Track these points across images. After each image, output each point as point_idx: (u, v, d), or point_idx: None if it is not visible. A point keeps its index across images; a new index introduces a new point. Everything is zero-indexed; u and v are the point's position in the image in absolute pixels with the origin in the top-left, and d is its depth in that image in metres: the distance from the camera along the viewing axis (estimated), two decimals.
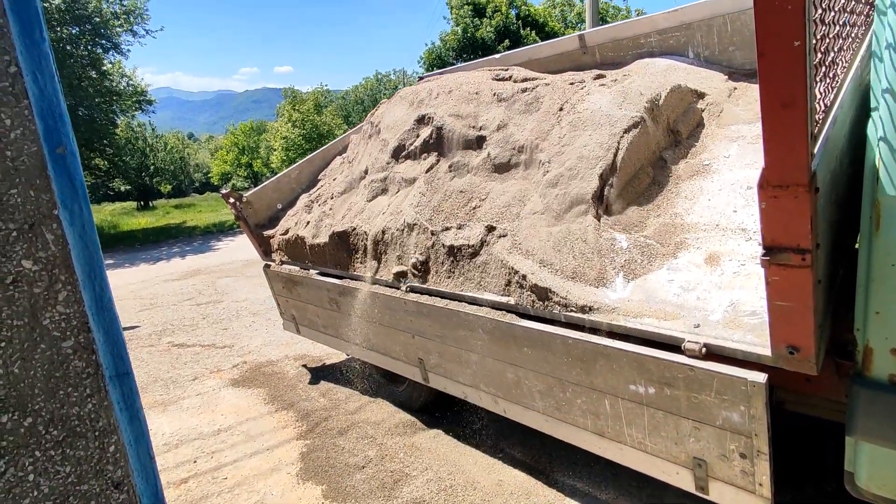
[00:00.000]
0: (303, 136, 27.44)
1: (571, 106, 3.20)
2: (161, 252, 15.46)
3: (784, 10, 1.11)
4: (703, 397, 1.96)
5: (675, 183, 2.85)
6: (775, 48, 1.17)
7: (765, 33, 1.17)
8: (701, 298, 2.17)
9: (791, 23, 1.11)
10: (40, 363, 0.77)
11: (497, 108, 3.58)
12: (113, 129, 20.68)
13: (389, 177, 3.96)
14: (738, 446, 1.93)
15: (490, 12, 24.44)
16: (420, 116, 3.96)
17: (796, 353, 1.64)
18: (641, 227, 2.69)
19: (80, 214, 0.78)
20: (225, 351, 6.34)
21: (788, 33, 1.13)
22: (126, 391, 0.86)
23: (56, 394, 0.79)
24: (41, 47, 0.74)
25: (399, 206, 3.65)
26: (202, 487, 3.62)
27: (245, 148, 38.72)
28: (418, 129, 3.94)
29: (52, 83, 0.75)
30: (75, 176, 0.78)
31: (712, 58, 3.60)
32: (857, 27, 2.14)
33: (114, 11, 18.02)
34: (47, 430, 0.78)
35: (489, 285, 2.90)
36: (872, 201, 1.66)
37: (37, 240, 0.75)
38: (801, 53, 1.14)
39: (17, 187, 0.73)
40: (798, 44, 1.13)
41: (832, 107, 1.62)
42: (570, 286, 2.51)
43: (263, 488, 3.53)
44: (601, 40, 4.17)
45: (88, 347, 0.80)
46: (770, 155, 1.33)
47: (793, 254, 1.41)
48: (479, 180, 3.41)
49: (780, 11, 1.11)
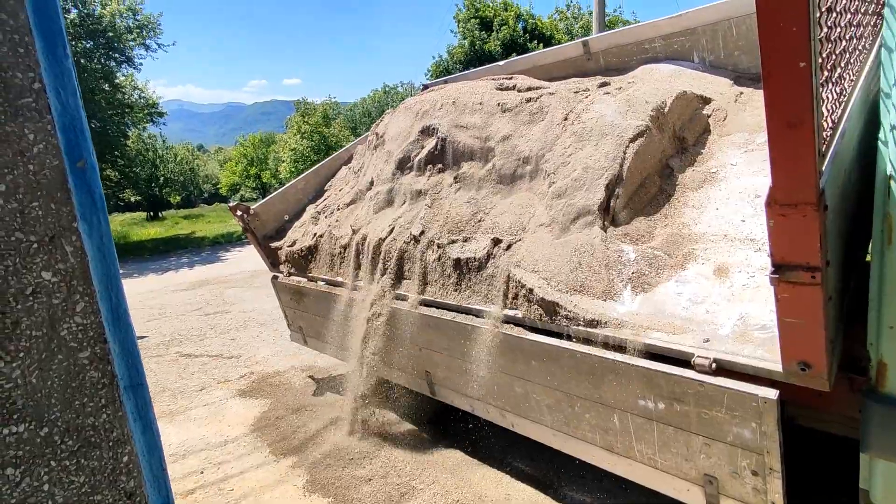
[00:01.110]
0: (311, 148, 27.69)
1: (576, 115, 3.21)
2: (170, 262, 15.57)
3: (789, 31, 1.11)
4: (713, 413, 1.94)
5: (682, 192, 2.84)
6: (780, 69, 1.16)
7: (770, 55, 1.17)
8: (710, 311, 2.16)
9: (796, 44, 1.11)
10: (57, 373, 0.78)
11: (502, 119, 3.60)
12: (124, 140, 20.96)
13: (395, 188, 3.99)
14: (750, 463, 1.90)
15: (497, 25, 24.64)
16: (424, 127, 3.99)
17: (808, 369, 1.62)
18: (649, 237, 2.68)
19: (98, 226, 0.80)
20: (232, 361, 6.36)
21: (793, 55, 1.13)
22: (140, 402, 0.87)
23: (72, 404, 0.80)
24: (64, 64, 0.76)
25: (404, 218, 3.67)
26: (209, 499, 3.60)
27: (254, 159, 39.08)
28: (423, 140, 3.97)
29: (75, 99, 0.77)
30: (95, 189, 0.79)
31: (717, 62, 3.58)
32: (865, 38, 2.14)
33: (127, 26, 18.36)
34: (63, 440, 0.79)
35: (496, 298, 2.90)
36: (884, 215, 1.65)
37: (56, 251, 0.76)
38: (806, 74, 1.14)
39: (39, 200, 0.74)
40: (804, 65, 1.13)
41: (840, 121, 1.62)
42: (577, 299, 2.50)
43: (270, 500, 3.51)
44: (605, 46, 4.15)
45: (104, 358, 0.81)
46: (777, 174, 1.32)
47: (802, 272, 1.40)
48: (484, 192, 3.42)
49: (785, 33, 1.11)
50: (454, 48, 25.56)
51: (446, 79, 5.51)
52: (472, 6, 25.26)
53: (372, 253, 3.77)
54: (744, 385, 1.85)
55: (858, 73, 1.92)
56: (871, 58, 2.17)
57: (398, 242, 3.56)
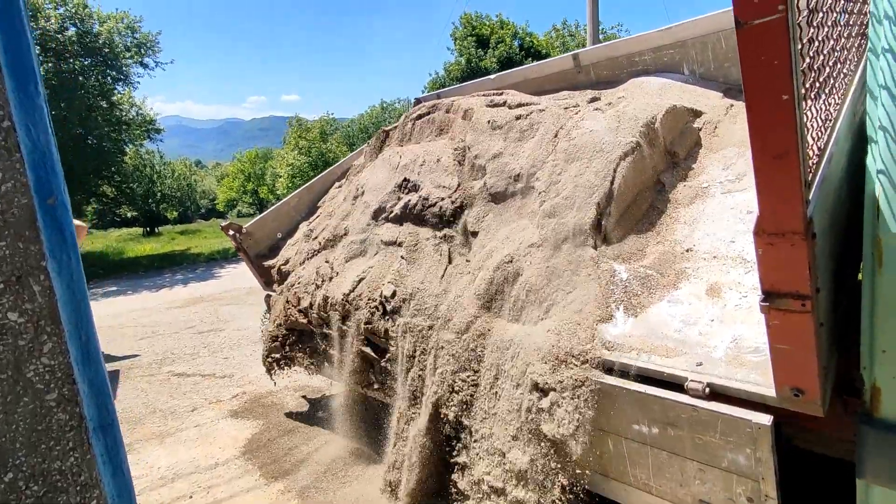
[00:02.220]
0: (308, 164, 27.78)
1: (566, 132, 3.21)
2: (164, 279, 15.48)
3: (770, 64, 1.10)
4: (707, 438, 1.91)
5: (674, 208, 2.83)
6: (764, 103, 1.16)
7: (753, 88, 1.17)
8: (703, 333, 2.14)
9: (779, 77, 1.11)
10: (22, 417, 0.75)
11: (478, 181, 3.58)
12: (121, 157, 20.96)
13: (369, 238, 3.98)
14: (745, 490, 1.87)
15: (494, 43, 24.94)
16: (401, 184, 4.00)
17: (801, 395, 1.60)
18: (640, 255, 2.67)
19: (68, 264, 0.78)
20: (225, 381, 6.28)
21: (776, 88, 1.12)
22: (110, 443, 0.84)
23: (38, 448, 0.77)
24: (36, 101, 0.75)
25: (377, 274, 3.68)
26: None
27: (251, 175, 39.14)
28: (399, 193, 3.98)
29: (46, 135, 0.76)
30: (65, 226, 0.78)
31: (707, 74, 3.58)
32: (850, 60, 2.15)
33: (126, 44, 18.48)
34: (28, 486, 0.76)
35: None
36: (874, 239, 1.64)
37: (24, 291, 0.74)
38: (790, 106, 1.14)
39: (6, 240, 0.73)
40: (787, 97, 1.12)
41: (827, 146, 1.61)
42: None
43: None
44: (595, 59, 4.15)
45: (73, 399, 0.79)
46: (764, 204, 1.32)
47: (792, 300, 1.39)
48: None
49: (767, 66, 1.11)
50: (451, 65, 25.83)
51: (439, 92, 5.52)
52: (469, 24, 25.59)
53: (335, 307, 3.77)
54: (738, 410, 1.83)
55: (844, 95, 1.92)
56: (856, 78, 2.18)
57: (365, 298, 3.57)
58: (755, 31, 1.09)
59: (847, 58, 2.01)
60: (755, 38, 1.09)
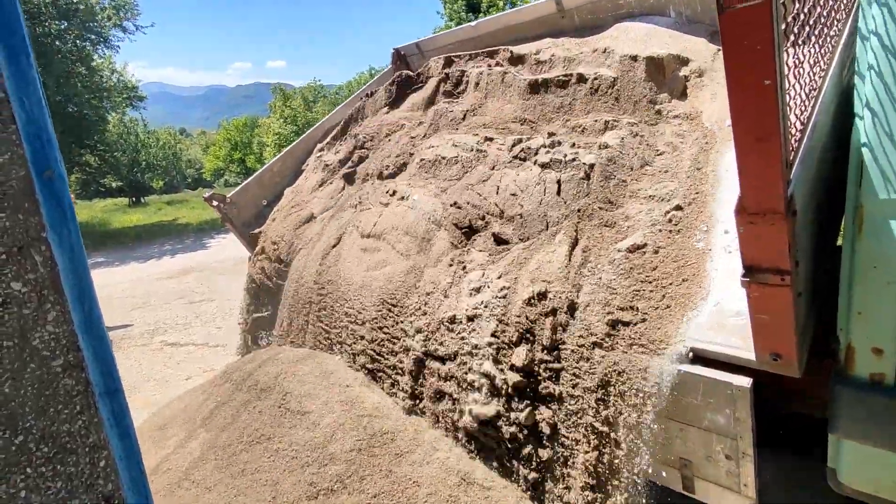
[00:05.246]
0: (295, 133, 27.35)
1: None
2: (152, 250, 15.38)
3: (753, 49, 1.10)
4: (689, 400, 1.99)
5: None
6: (746, 87, 1.16)
7: (734, 73, 1.16)
8: None
9: (762, 62, 1.11)
10: (30, 382, 0.78)
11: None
12: (103, 125, 20.47)
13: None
14: (724, 448, 1.96)
15: (485, 6, 24.36)
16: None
17: (779, 359, 1.67)
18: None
19: (68, 237, 0.79)
20: (218, 350, 6.34)
21: (758, 73, 1.12)
22: (116, 408, 0.87)
23: (46, 411, 0.80)
24: (28, 73, 0.74)
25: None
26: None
27: (238, 143, 38.48)
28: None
29: (40, 108, 0.76)
30: (64, 199, 0.79)
31: (694, 16, 3.50)
32: (837, 23, 2.13)
33: (102, 6, 17.82)
34: (38, 448, 0.80)
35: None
36: (856, 206, 1.69)
37: (26, 262, 0.76)
38: (771, 91, 1.14)
39: (6, 211, 0.74)
40: (769, 83, 1.12)
41: (811, 117, 1.63)
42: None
43: None
44: (579, 2, 4.01)
45: (78, 366, 0.82)
46: (746, 184, 1.34)
47: (772, 275, 1.43)
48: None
49: (750, 51, 1.10)
50: (440, 30, 25.26)
51: (417, 41, 5.38)
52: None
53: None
54: (718, 373, 1.90)
55: (828, 65, 1.93)
56: (842, 41, 2.17)
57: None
58: (739, 15, 1.08)
59: (832, 22, 2.01)
60: (739, 22, 1.09)
